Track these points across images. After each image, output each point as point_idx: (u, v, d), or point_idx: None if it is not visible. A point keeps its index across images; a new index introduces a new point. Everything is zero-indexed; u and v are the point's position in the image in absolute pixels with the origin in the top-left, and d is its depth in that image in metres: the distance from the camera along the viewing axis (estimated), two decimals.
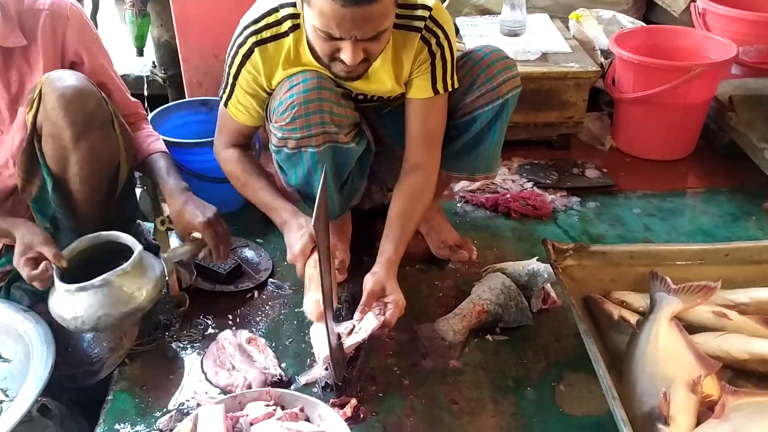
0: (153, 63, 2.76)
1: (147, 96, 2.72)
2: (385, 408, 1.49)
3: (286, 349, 1.66)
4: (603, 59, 2.62)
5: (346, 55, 1.42)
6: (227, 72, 1.65)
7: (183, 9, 2.30)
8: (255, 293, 1.84)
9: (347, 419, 1.41)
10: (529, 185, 2.33)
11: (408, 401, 1.51)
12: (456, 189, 2.26)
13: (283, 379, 1.54)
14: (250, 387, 1.51)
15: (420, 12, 1.59)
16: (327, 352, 1.47)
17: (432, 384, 1.56)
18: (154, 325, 1.71)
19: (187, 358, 1.64)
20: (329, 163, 1.64)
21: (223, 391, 1.53)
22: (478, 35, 2.61)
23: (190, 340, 1.69)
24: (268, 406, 1.37)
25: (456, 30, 2.01)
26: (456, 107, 1.73)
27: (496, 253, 1.99)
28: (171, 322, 1.71)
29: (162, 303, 1.72)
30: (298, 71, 1.59)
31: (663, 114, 2.42)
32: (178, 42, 2.38)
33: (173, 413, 1.46)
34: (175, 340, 1.68)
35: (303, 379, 1.56)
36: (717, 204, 2.27)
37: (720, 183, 2.39)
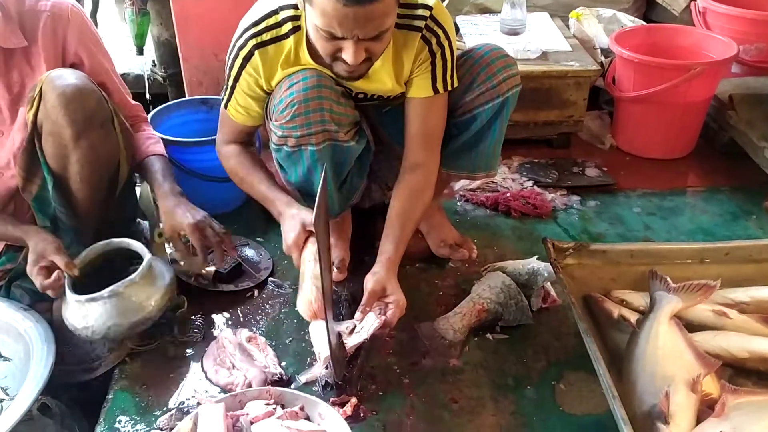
0: (153, 62, 2.75)
1: (147, 95, 2.72)
2: (386, 407, 1.49)
3: (286, 348, 1.66)
4: (603, 58, 2.62)
5: (347, 55, 1.42)
6: (228, 74, 1.65)
7: (183, 8, 2.30)
8: (255, 292, 1.84)
9: (347, 418, 1.41)
10: (529, 184, 2.33)
11: (408, 400, 1.51)
12: (456, 188, 2.26)
13: (284, 378, 1.54)
14: (250, 386, 1.51)
15: (420, 11, 1.59)
16: (327, 351, 1.48)
17: (432, 383, 1.56)
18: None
19: (188, 357, 1.64)
20: (329, 162, 1.64)
21: (224, 390, 1.53)
22: (478, 34, 2.61)
23: (190, 339, 1.69)
24: (268, 404, 1.37)
25: (456, 29, 2.01)
26: (456, 105, 1.73)
27: (496, 252, 1.99)
28: (171, 321, 1.71)
29: None
30: (297, 70, 1.58)
31: (663, 113, 2.42)
32: (178, 41, 2.38)
33: (173, 412, 1.46)
34: (176, 339, 1.68)
35: (303, 378, 1.56)
36: (717, 203, 2.27)
37: (720, 182, 2.38)
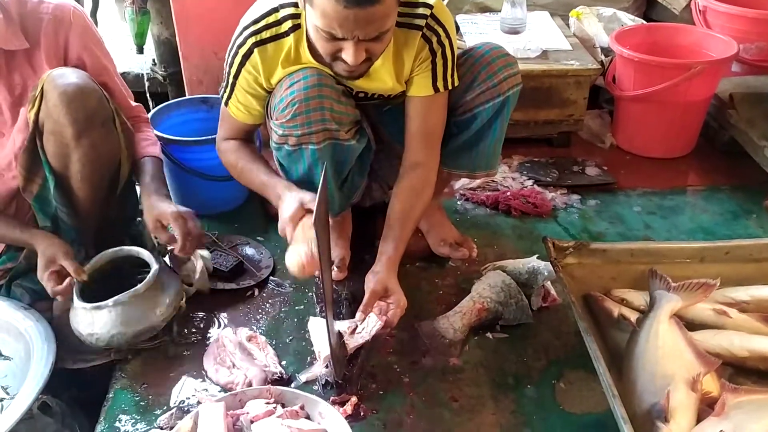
0: (153, 61, 2.75)
1: (147, 94, 2.72)
2: (386, 406, 1.49)
3: (286, 347, 1.66)
4: (603, 57, 2.62)
5: (348, 55, 1.42)
6: (227, 72, 1.64)
7: (183, 7, 2.30)
8: (255, 291, 1.84)
9: (347, 417, 1.41)
10: (530, 183, 2.33)
11: (408, 399, 1.51)
12: (456, 187, 2.27)
13: (284, 377, 1.55)
14: (250, 385, 1.51)
15: (421, 10, 1.59)
16: (327, 350, 1.48)
17: (432, 382, 1.56)
18: None
19: (188, 356, 1.64)
20: (329, 161, 1.64)
21: (224, 389, 1.53)
22: (478, 33, 2.60)
23: (190, 338, 1.69)
24: (268, 403, 1.37)
25: (456, 27, 2.01)
26: (457, 104, 1.73)
27: (496, 251, 1.99)
28: (171, 320, 1.71)
29: None
30: (298, 68, 1.58)
31: (663, 112, 2.42)
32: (178, 40, 2.38)
33: (174, 411, 1.46)
34: (176, 338, 1.68)
35: (303, 377, 1.56)
36: (717, 202, 2.27)
37: (720, 181, 2.38)
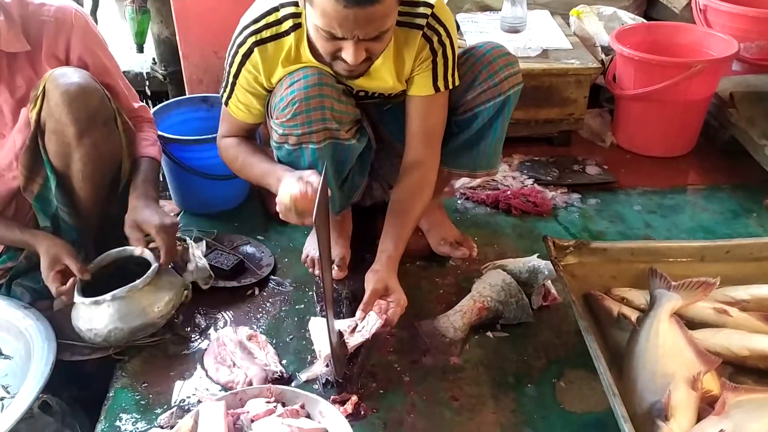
0: (153, 60, 2.75)
1: (147, 93, 2.72)
2: (386, 405, 1.49)
3: (286, 346, 1.66)
4: (604, 56, 2.62)
5: (348, 55, 1.42)
6: (227, 71, 1.64)
7: (183, 6, 2.30)
8: (256, 290, 1.84)
9: (348, 416, 1.41)
10: (530, 182, 2.33)
11: (408, 398, 1.51)
12: (456, 186, 2.27)
13: (284, 376, 1.55)
14: (250, 384, 1.51)
15: (422, 10, 1.58)
16: (328, 349, 1.48)
17: (432, 381, 1.56)
18: None
19: (188, 355, 1.64)
20: (330, 160, 1.64)
21: (224, 388, 1.53)
22: (478, 32, 2.60)
23: (190, 337, 1.69)
24: (268, 402, 1.37)
25: (456, 26, 2.01)
26: (457, 104, 1.73)
27: (496, 250, 1.99)
28: (171, 319, 1.71)
29: None
30: (298, 68, 1.58)
31: (664, 111, 2.42)
32: (178, 39, 2.37)
33: (174, 410, 1.46)
34: (176, 336, 1.68)
35: (304, 376, 1.56)
36: (717, 201, 2.27)
37: (720, 180, 2.38)
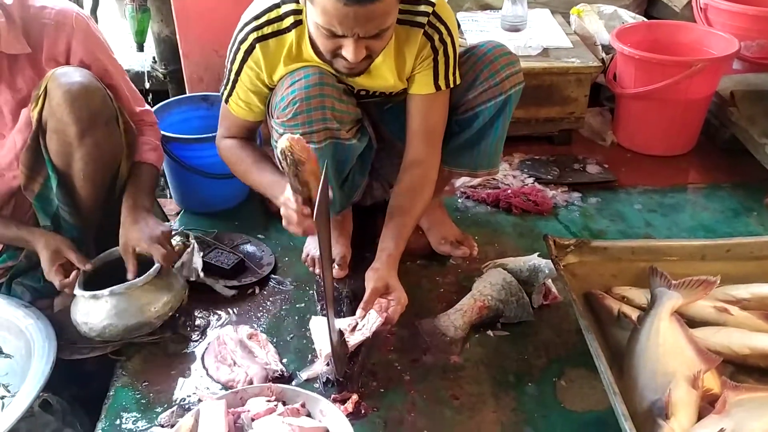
0: (153, 58, 2.75)
1: (148, 92, 2.72)
2: (386, 403, 1.49)
3: (287, 345, 1.66)
4: (604, 54, 2.61)
5: (348, 53, 1.42)
6: (228, 68, 1.64)
7: (183, 4, 2.30)
8: (256, 289, 1.84)
9: (348, 415, 1.41)
10: (530, 181, 2.33)
11: (409, 397, 1.51)
12: (457, 185, 2.27)
13: (285, 375, 1.55)
14: (251, 383, 1.51)
15: (423, 8, 1.58)
16: (328, 347, 1.48)
17: (433, 379, 1.56)
18: None
19: (189, 353, 1.64)
20: (330, 160, 1.63)
21: (225, 387, 1.53)
22: (479, 30, 2.60)
23: (191, 335, 1.69)
24: (269, 401, 1.37)
25: (457, 25, 2.00)
26: (458, 103, 1.73)
27: (497, 249, 1.99)
28: (172, 318, 1.71)
29: None
30: (299, 67, 1.58)
31: (664, 109, 2.42)
32: (178, 37, 2.37)
33: (174, 409, 1.46)
34: (177, 335, 1.68)
35: (304, 375, 1.56)
36: (718, 199, 2.27)
37: (721, 178, 2.38)
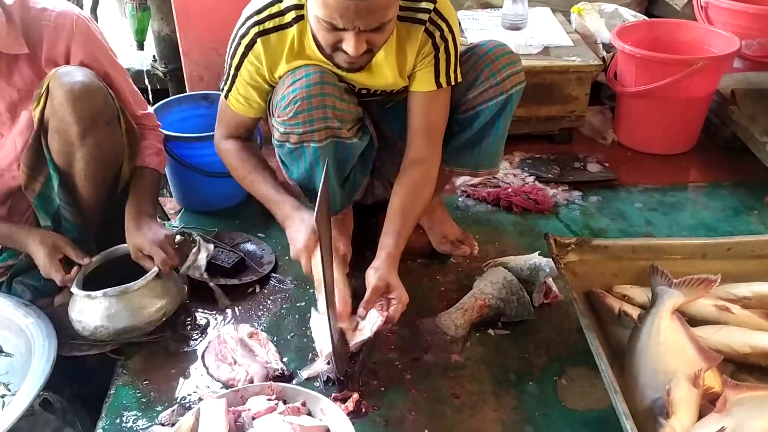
0: (153, 57, 2.75)
1: (148, 90, 2.72)
2: (387, 402, 1.49)
3: (287, 344, 1.66)
4: (605, 53, 2.61)
5: (348, 46, 1.42)
6: (229, 63, 1.64)
7: (183, 3, 2.30)
8: (257, 288, 1.84)
9: (349, 413, 1.41)
10: (531, 179, 2.33)
11: (410, 395, 1.51)
12: (457, 183, 2.26)
13: (285, 374, 1.55)
14: (252, 381, 1.51)
15: (424, 5, 1.58)
16: (329, 346, 1.47)
17: (434, 378, 1.56)
18: None
19: (189, 352, 1.64)
20: (331, 159, 1.63)
21: (225, 386, 1.53)
22: (479, 29, 2.60)
23: (191, 334, 1.69)
24: (270, 400, 1.37)
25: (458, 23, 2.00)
26: (459, 102, 1.72)
27: (497, 248, 1.99)
28: (172, 316, 1.71)
29: None
30: (301, 65, 1.58)
31: (665, 108, 2.42)
32: (178, 36, 2.37)
33: (175, 407, 1.46)
34: (177, 334, 1.68)
35: (305, 374, 1.56)
36: (719, 198, 2.27)
37: (722, 177, 2.38)
